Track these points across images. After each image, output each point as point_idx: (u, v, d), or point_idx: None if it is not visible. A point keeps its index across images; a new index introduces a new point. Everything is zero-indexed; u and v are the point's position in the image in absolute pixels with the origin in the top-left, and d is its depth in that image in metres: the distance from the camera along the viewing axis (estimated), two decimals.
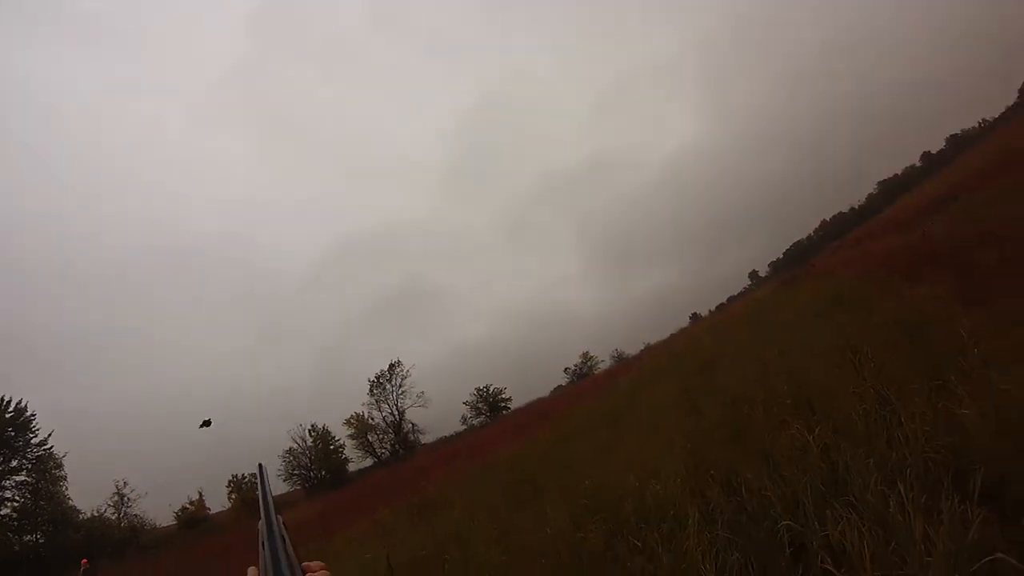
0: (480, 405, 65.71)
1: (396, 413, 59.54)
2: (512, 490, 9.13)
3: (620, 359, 71.61)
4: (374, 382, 60.47)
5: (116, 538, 35.52)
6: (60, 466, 36.49)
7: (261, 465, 0.94)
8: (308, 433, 53.30)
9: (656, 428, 8.24)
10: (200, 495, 43.53)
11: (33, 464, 35.60)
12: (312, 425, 53.80)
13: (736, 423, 5.75)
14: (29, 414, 35.58)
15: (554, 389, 69.84)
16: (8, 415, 34.66)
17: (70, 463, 36.99)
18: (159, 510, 41.62)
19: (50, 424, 36.65)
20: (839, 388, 4.99)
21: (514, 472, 11.01)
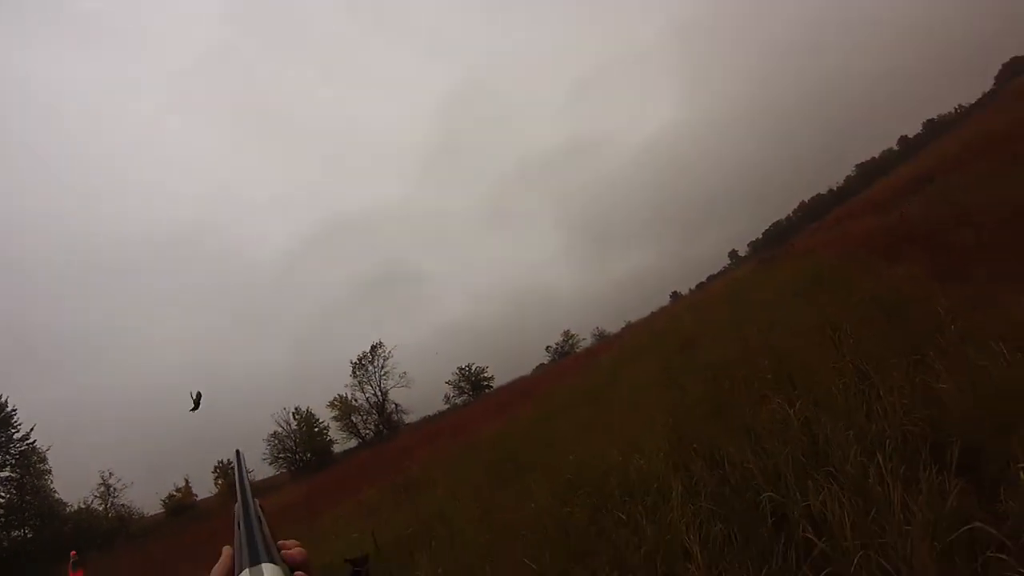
0: (462, 384, 65.90)
1: (379, 394, 59.58)
2: (495, 468, 9.18)
3: (601, 337, 72.22)
4: (356, 364, 60.36)
5: (104, 529, 35.08)
6: (44, 460, 35.89)
7: (238, 451, 0.95)
8: (292, 416, 53.10)
9: (638, 404, 8.32)
10: (186, 482, 43.16)
11: (17, 459, 34.93)
12: (296, 408, 53.63)
13: (718, 398, 5.81)
14: (10, 409, 34.87)
15: (536, 367, 70.36)
16: None
17: (53, 456, 36.51)
18: (146, 499, 41.30)
19: (30, 418, 36.08)
20: (819, 364, 5.05)
21: (497, 450, 11.08)
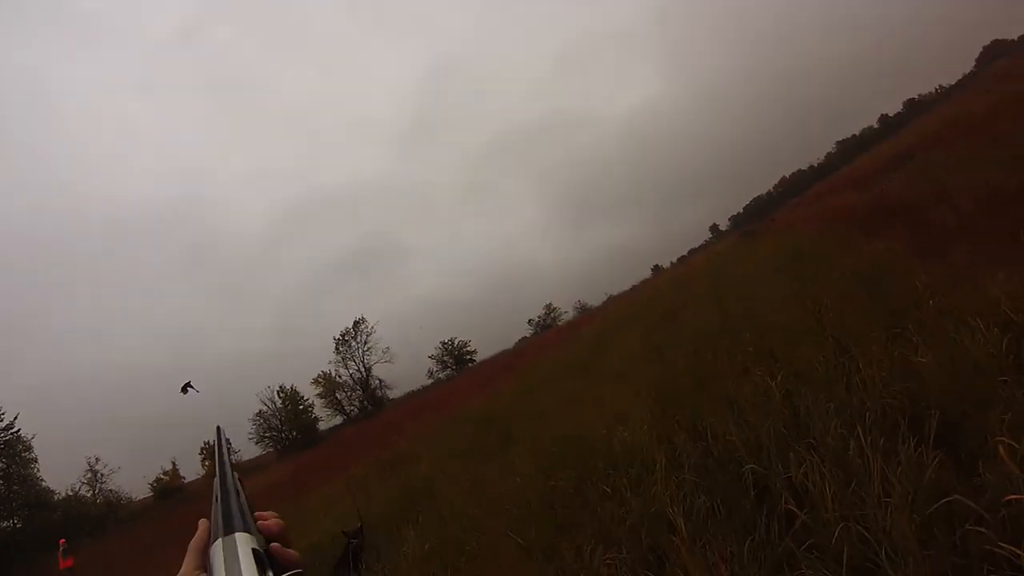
0: (446, 359, 66.20)
1: (363, 370, 59.62)
2: (480, 442, 9.25)
3: (583, 310, 72.83)
4: (340, 340, 60.19)
5: (93, 515, 34.98)
6: (29, 448, 35.47)
7: (219, 427, 0.97)
8: (277, 394, 52.93)
9: (621, 377, 8.39)
10: (173, 464, 43.12)
11: (2, 449, 34.45)
12: (280, 386, 53.42)
13: (700, 371, 5.87)
14: None
15: (519, 341, 70.84)
16: None
17: (38, 444, 36.03)
18: (134, 483, 41.37)
19: (13, 406, 35.47)
20: (800, 337, 5.11)
21: (482, 424, 11.15)
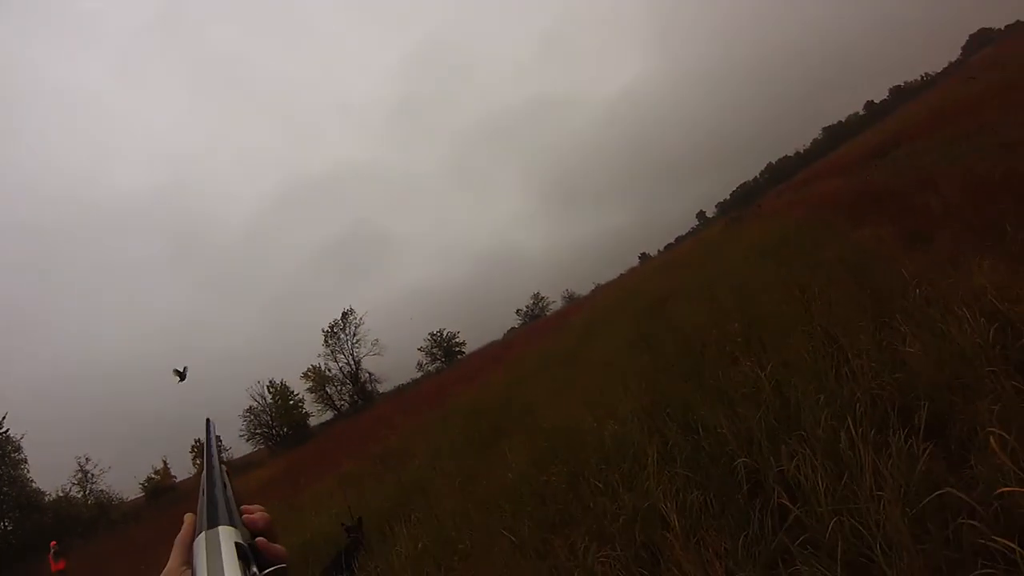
0: (435, 350, 66.06)
1: (352, 363, 59.28)
2: (471, 436, 9.24)
3: (571, 299, 73.10)
4: (328, 332, 59.79)
5: (85, 517, 34.32)
6: (19, 449, 34.67)
7: (208, 420, 0.98)
8: (267, 390, 52.43)
9: (610, 367, 8.40)
10: (164, 463, 42.53)
11: None
12: (271, 381, 52.92)
13: (690, 361, 5.87)
14: None
15: (507, 331, 71.05)
16: None
17: (27, 444, 35.29)
18: (125, 483, 40.54)
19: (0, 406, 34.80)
20: (789, 326, 5.12)
21: (472, 417, 11.14)
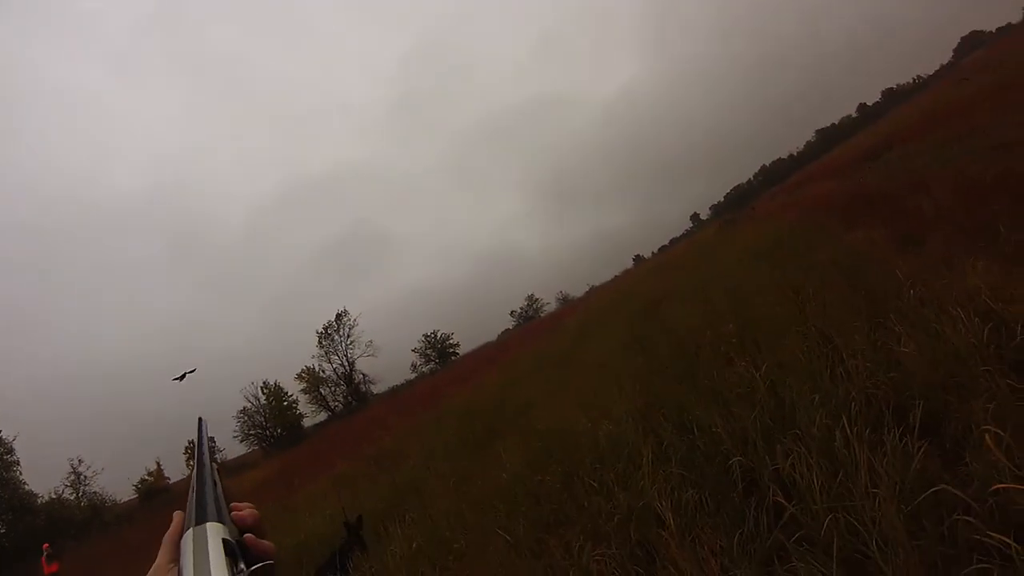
0: (429, 352, 66.05)
1: (346, 364, 59.23)
2: (466, 437, 9.21)
3: (565, 301, 73.23)
4: (322, 333, 59.71)
5: (78, 519, 34.23)
6: (11, 451, 34.61)
7: (201, 419, 0.99)
8: (261, 391, 52.28)
9: (605, 369, 8.40)
10: (158, 465, 42.35)
11: None
12: (264, 382, 52.80)
13: (684, 362, 5.88)
14: None
15: (501, 333, 71.09)
16: None
17: (19, 446, 35.16)
18: (119, 484, 40.35)
19: None
20: (783, 326, 5.13)
21: (466, 418, 11.12)
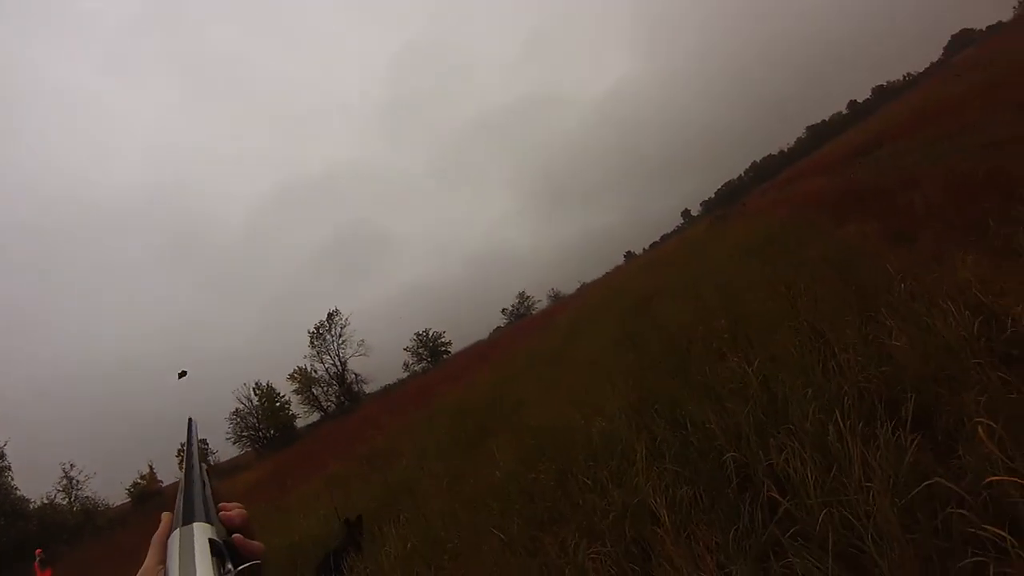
0: (421, 351, 65.97)
1: (338, 364, 59.03)
2: (458, 435, 9.19)
3: (557, 298, 73.37)
4: (314, 333, 59.48)
5: (71, 524, 33.73)
6: (2, 455, 34.03)
7: (191, 419, 0.98)
8: (253, 392, 52.01)
9: (597, 366, 8.40)
10: (151, 468, 41.93)
11: None
12: (256, 383, 52.53)
13: (676, 358, 5.88)
14: None
15: (493, 330, 71.14)
16: None
17: (10, 451, 34.60)
18: (111, 488, 40.08)
19: None
20: (775, 321, 5.14)
21: (459, 417, 11.09)
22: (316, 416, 55.63)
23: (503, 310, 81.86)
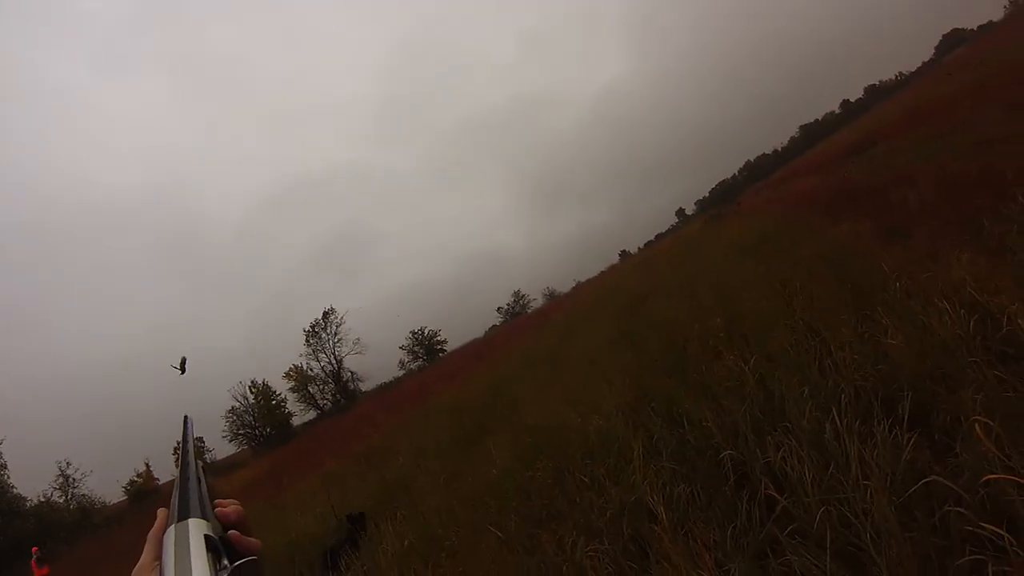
0: (416, 349, 65.97)
1: (334, 362, 58.93)
2: (455, 434, 9.18)
3: (552, 297, 73.48)
4: (310, 332, 59.36)
5: (68, 522, 33.65)
6: None
7: (186, 417, 0.97)
8: (249, 390, 51.86)
9: (593, 364, 8.40)
10: (147, 466, 41.84)
11: None
12: (253, 381, 52.37)
13: (673, 357, 5.89)
14: None
15: (488, 329, 71.18)
16: None
17: (6, 449, 34.46)
18: (108, 486, 40.15)
19: None
20: (771, 320, 5.16)
21: (455, 415, 11.08)
22: (312, 414, 55.55)
23: (498, 308, 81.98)
